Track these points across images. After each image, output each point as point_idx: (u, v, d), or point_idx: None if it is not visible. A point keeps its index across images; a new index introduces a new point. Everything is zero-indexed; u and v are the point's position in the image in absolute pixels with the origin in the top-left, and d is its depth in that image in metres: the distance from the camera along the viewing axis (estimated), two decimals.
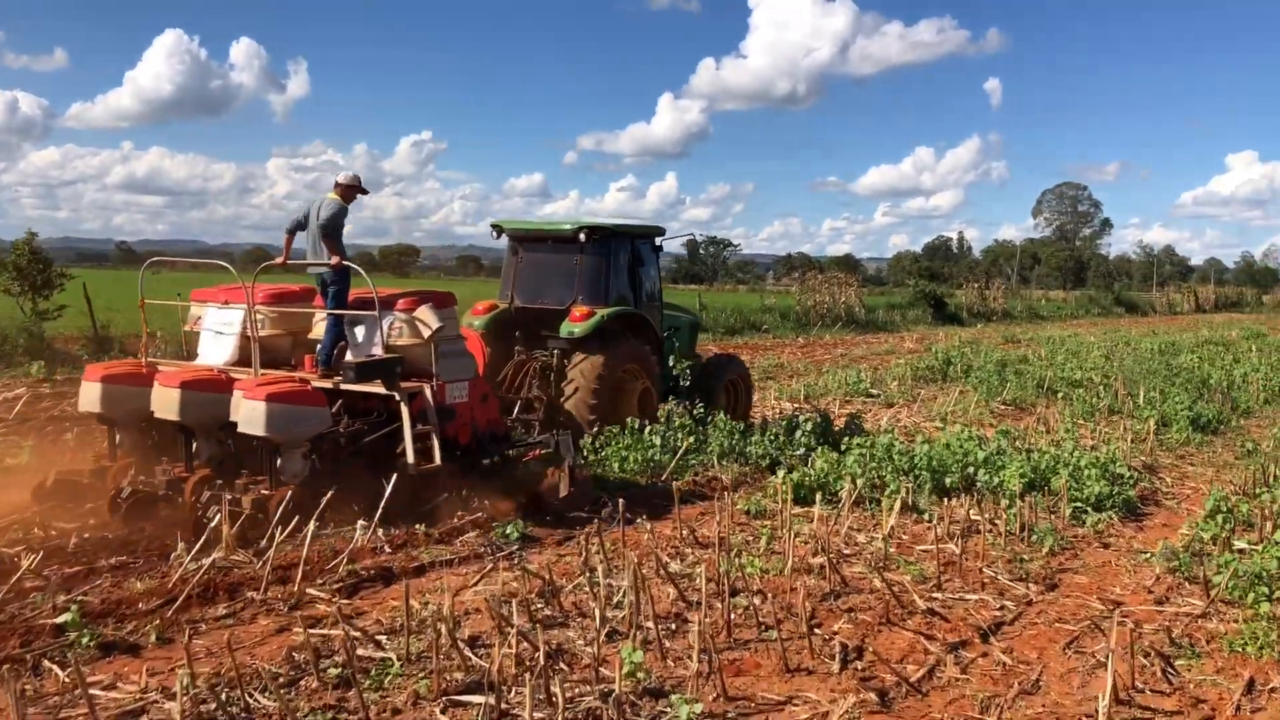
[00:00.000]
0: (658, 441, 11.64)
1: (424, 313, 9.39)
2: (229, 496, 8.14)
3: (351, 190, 9.72)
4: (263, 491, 8.38)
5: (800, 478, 10.56)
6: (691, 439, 11.96)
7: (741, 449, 12.18)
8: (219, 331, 10.09)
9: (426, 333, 9.34)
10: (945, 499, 10.79)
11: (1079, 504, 10.24)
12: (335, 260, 9.35)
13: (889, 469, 10.87)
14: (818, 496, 10.05)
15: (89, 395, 9.35)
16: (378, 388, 8.96)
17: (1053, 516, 9.90)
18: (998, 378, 20.95)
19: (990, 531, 9.20)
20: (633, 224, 13.08)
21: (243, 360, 9.76)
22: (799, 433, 13.23)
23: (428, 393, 9.15)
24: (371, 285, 9.12)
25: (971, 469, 10.91)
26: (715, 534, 8.47)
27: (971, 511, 9.69)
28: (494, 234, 12.96)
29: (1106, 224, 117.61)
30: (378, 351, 9.16)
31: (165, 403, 8.82)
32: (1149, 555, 8.84)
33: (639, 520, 9.43)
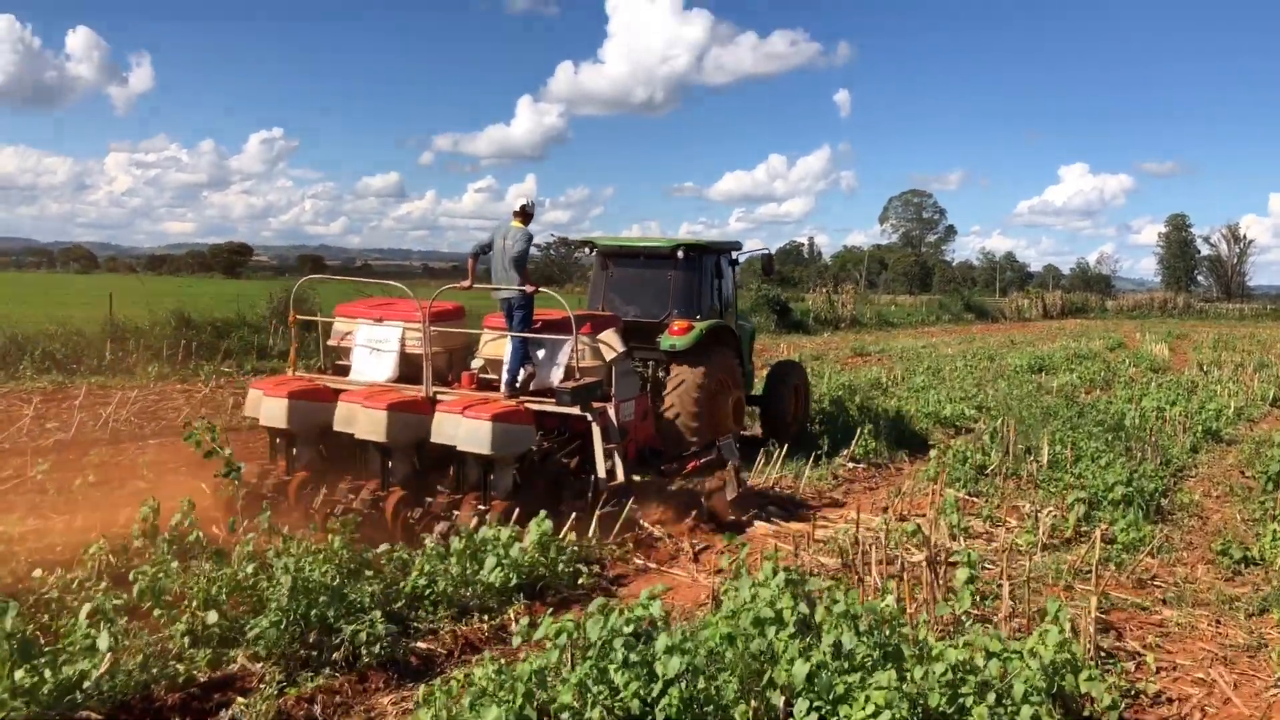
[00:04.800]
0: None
1: (609, 337, 10.12)
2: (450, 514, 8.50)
3: (530, 216, 9.87)
4: (480, 508, 8.49)
5: None
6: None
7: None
8: (375, 348, 10.08)
9: (611, 355, 9.99)
10: None
11: None
12: (531, 288, 9.71)
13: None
14: None
15: (273, 410, 9.34)
16: (570, 407, 9.16)
17: None
18: (841, 418, 15.39)
19: None
20: (717, 240, 13.20)
21: (404, 377, 9.84)
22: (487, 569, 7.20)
23: (610, 412, 9.55)
24: (569, 309, 9.56)
25: (781, 697, 4.96)
26: None
27: None
28: (586, 250, 13.34)
29: (951, 231, 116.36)
30: (559, 373, 9.73)
31: (370, 425, 8.81)
32: None
33: None
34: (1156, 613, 7.51)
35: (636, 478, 9.62)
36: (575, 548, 8.19)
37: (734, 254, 13.69)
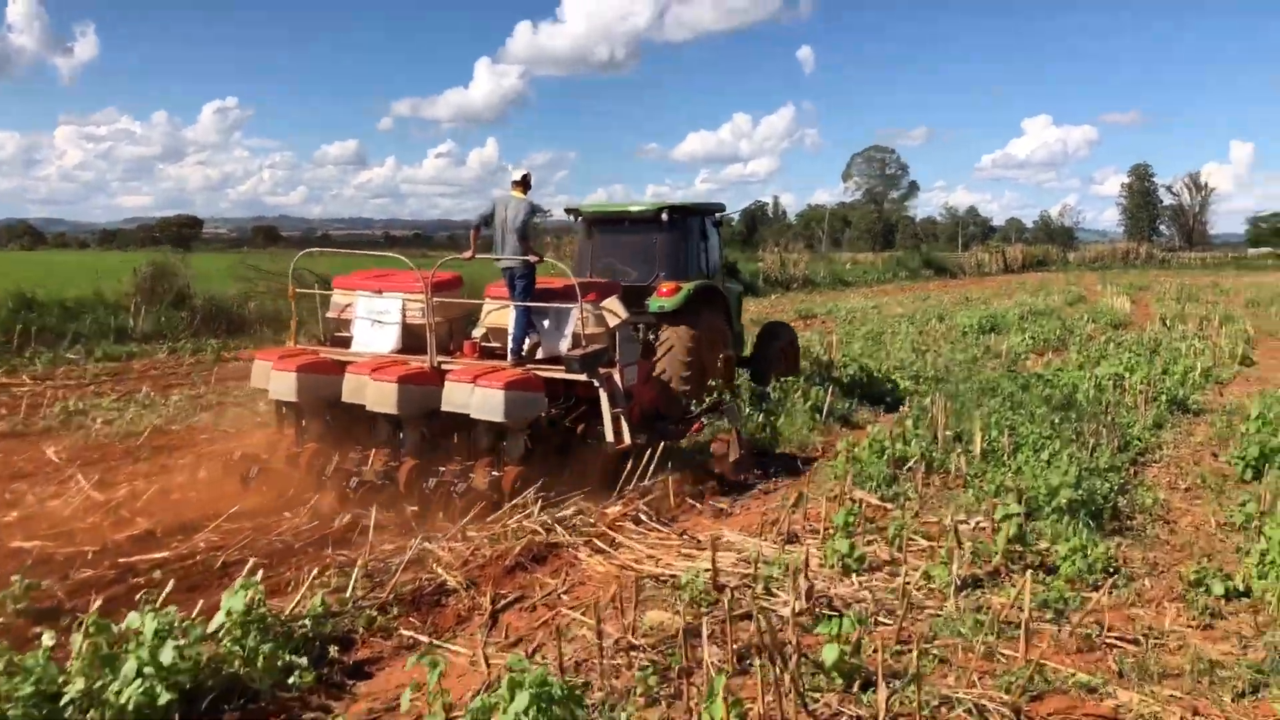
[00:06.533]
0: None
1: (612, 304, 10.00)
2: (460, 481, 8.73)
3: (529, 186, 9.97)
4: (494, 473, 8.74)
5: None
6: None
7: None
8: (377, 319, 10.17)
9: (614, 322, 9.87)
10: None
11: None
12: (534, 258, 9.79)
13: None
14: None
15: (282, 383, 9.42)
16: (579, 375, 9.22)
17: None
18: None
19: None
20: (701, 202, 13.34)
21: (407, 347, 9.88)
22: None
23: (616, 377, 9.45)
24: (573, 277, 9.81)
25: None
26: None
27: None
28: (572, 218, 13.47)
29: (914, 187, 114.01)
30: (566, 342, 9.80)
31: (381, 397, 8.94)
32: None
33: None
34: (1110, 696, 5.30)
35: (640, 440, 9.61)
36: (307, 621, 5.88)
37: (718, 215, 13.76)
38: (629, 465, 9.36)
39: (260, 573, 6.12)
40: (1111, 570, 7.09)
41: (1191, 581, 6.81)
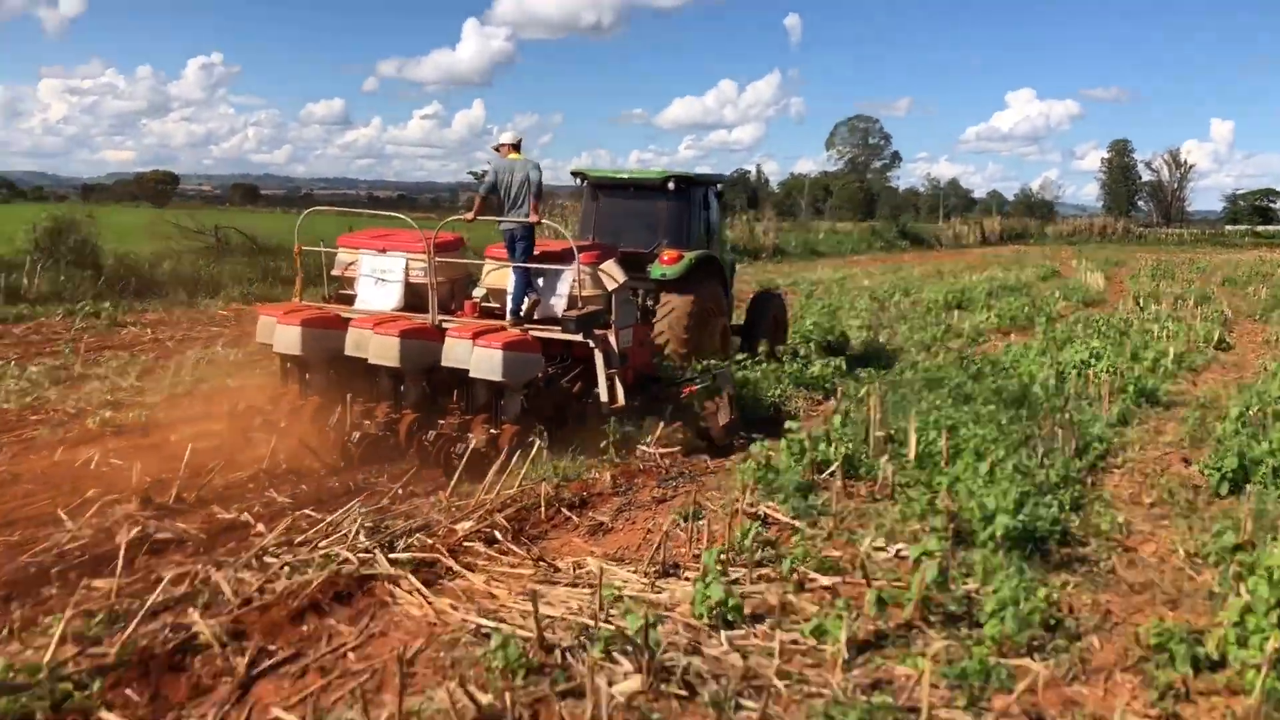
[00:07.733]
0: None
1: (610, 267, 10.04)
2: (464, 436, 8.78)
3: (520, 148, 10.11)
4: (491, 431, 8.79)
5: None
6: None
7: None
8: (380, 278, 10.33)
9: (612, 285, 9.93)
10: None
11: None
12: (535, 218, 9.83)
13: None
14: None
15: (287, 337, 9.57)
16: (575, 335, 9.38)
17: None
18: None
19: None
20: (705, 173, 13.58)
21: (409, 306, 10.09)
22: None
23: (611, 339, 9.61)
24: (571, 240, 10.10)
25: None
26: None
27: None
28: (577, 180, 13.69)
29: (896, 157, 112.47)
30: (562, 302, 9.91)
31: (383, 350, 9.16)
32: None
33: None
34: None
35: (635, 402, 9.75)
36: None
37: (719, 186, 14.03)
38: (501, 459, 8.16)
39: None
40: (1052, 624, 5.64)
41: (1152, 644, 5.36)
